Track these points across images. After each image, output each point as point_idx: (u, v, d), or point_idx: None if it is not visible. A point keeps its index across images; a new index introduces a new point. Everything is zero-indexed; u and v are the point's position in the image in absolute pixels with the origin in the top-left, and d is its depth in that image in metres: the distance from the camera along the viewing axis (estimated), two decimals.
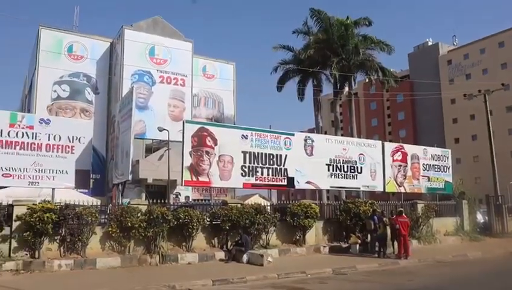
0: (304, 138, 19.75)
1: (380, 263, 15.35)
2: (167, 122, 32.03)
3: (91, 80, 35.37)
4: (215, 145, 16.82)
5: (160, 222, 14.36)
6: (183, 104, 35.34)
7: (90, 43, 36.18)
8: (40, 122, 15.56)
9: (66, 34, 35.62)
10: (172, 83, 35.33)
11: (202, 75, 39.49)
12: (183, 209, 15.41)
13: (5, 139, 14.72)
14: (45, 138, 15.35)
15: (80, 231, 13.59)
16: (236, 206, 16.34)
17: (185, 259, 14.63)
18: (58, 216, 13.19)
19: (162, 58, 35.26)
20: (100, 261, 13.45)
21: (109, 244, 14.28)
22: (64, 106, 33.89)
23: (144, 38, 34.61)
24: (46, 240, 13.29)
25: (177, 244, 15.28)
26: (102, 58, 36.22)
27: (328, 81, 36.13)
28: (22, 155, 14.92)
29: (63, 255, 13.45)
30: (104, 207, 16.41)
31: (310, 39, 35.09)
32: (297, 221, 17.20)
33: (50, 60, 33.72)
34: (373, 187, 21.43)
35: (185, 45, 36.52)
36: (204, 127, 17.29)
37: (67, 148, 15.68)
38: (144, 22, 36.03)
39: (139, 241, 14.46)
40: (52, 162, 15.33)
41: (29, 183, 15.06)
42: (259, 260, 14.39)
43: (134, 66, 33.70)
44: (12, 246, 13.02)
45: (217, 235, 16.05)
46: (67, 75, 34.33)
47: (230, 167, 17.13)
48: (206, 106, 39.48)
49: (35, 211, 12.83)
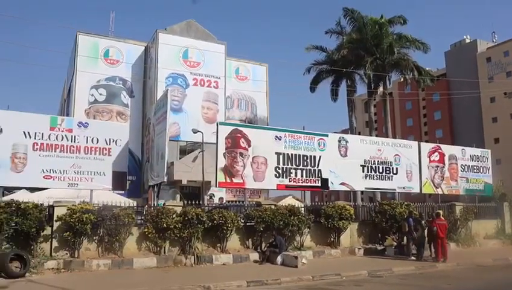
0: (338, 138, 19.55)
1: (416, 266, 15.01)
2: (201, 124, 32.32)
3: (127, 84, 36.10)
4: (248, 146, 16.88)
5: (195, 223, 14.48)
6: (216, 106, 35.59)
7: (125, 47, 36.93)
8: (78, 125, 16.02)
9: (102, 39, 36.46)
10: (206, 85, 35.62)
11: (235, 77, 39.66)
12: (217, 210, 15.51)
13: (45, 142, 15.22)
14: (83, 141, 15.79)
15: (117, 232, 13.86)
16: (270, 208, 16.32)
17: (220, 260, 14.71)
18: (97, 217, 13.50)
19: (196, 61, 35.62)
20: (137, 261, 13.68)
21: (145, 245, 14.52)
22: (101, 109, 34.72)
23: (177, 42, 35.04)
24: (85, 240, 13.63)
25: (211, 245, 15.38)
26: (137, 62, 36.91)
27: (362, 81, 35.68)
28: (62, 157, 15.40)
29: (101, 255, 13.75)
30: (140, 208, 16.68)
31: (343, 39, 34.75)
32: (332, 223, 17.03)
33: (87, 64, 34.59)
34: (409, 188, 20.99)
35: (218, 47, 36.75)
36: (238, 128, 17.38)
37: (105, 150, 16.07)
38: (177, 26, 36.50)
39: (174, 242, 14.65)
40: (90, 164, 15.75)
41: (68, 184, 15.52)
42: (294, 261, 14.32)
43: (168, 69, 34.16)
44: (53, 246, 13.40)
45: (251, 237, 16.08)
46: (103, 79, 35.15)
47: (264, 168, 17.15)
48: (240, 108, 39.62)
49: (74, 211, 13.18)
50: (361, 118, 75.65)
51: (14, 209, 12.65)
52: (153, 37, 35.68)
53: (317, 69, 35.80)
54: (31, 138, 14.98)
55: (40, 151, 15.09)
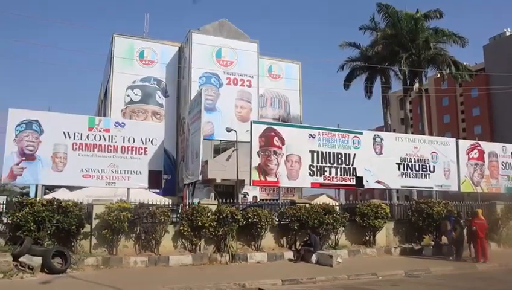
0: (373, 136, 19.27)
1: (455, 267, 14.62)
2: (234, 123, 32.51)
3: (161, 84, 36.67)
4: (282, 145, 16.88)
5: (229, 221, 14.59)
6: (249, 105, 35.69)
7: (159, 48, 37.51)
8: (115, 125, 16.38)
9: (138, 40, 37.15)
10: (239, 84, 35.78)
11: (268, 76, 39.67)
12: (252, 209, 15.55)
13: (84, 142, 15.63)
14: (120, 140, 16.12)
15: (153, 230, 14.12)
16: (304, 206, 16.26)
17: (254, 258, 14.77)
18: (134, 215, 13.79)
19: (229, 60, 35.82)
20: (173, 258, 13.88)
21: (181, 243, 14.72)
22: (136, 109, 35.41)
23: (210, 41, 35.33)
24: (123, 237, 13.94)
25: (246, 243, 15.45)
26: (172, 62, 37.42)
27: (396, 78, 35.08)
28: (100, 157, 15.77)
29: (138, 253, 14.03)
30: (175, 206, 16.97)
31: (377, 35, 34.21)
32: (367, 221, 16.81)
33: (123, 66, 35.35)
34: (447, 187, 20.47)
35: (251, 46, 36.84)
36: (271, 127, 17.40)
37: (141, 149, 16.36)
38: (210, 26, 36.79)
39: (209, 240, 14.79)
40: (127, 164, 16.06)
41: (106, 183, 15.88)
42: (329, 260, 14.22)
43: (201, 68, 34.51)
44: (92, 243, 13.76)
45: (286, 235, 16.05)
46: (139, 80, 35.82)
47: (298, 166, 17.10)
48: (273, 106, 39.60)
49: (112, 210, 13.50)
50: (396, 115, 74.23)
51: (56, 207, 13.09)
52: (187, 37, 36.10)
53: (351, 66, 35.42)
54: (70, 138, 15.42)
55: (79, 151, 15.50)
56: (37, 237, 12.54)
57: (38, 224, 12.66)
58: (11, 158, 14.65)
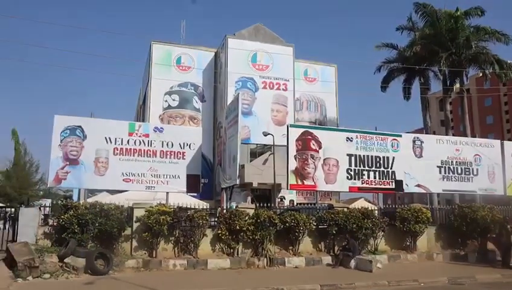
0: (412, 139, 18.85)
1: (503, 274, 14.04)
2: (271, 126, 32.55)
3: (198, 89, 37.13)
4: (319, 148, 16.77)
5: (267, 225, 14.57)
6: (285, 109, 35.66)
7: (196, 54, 38.02)
8: (154, 130, 16.70)
9: (175, 47, 37.77)
10: (275, 88, 35.80)
11: (304, 79, 39.51)
12: (289, 213, 15.49)
13: (125, 147, 16.02)
14: (159, 145, 16.42)
15: (192, 233, 14.27)
16: (342, 210, 16.06)
17: (292, 263, 14.69)
18: (173, 218, 13.97)
19: (264, 64, 35.91)
20: (211, 262, 13.97)
21: (219, 246, 14.81)
22: (174, 114, 35.98)
23: (246, 46, 35.52)
24: (162, 240, 14.16)
25: (283, 247, 15.39)
26: (208, 67, 37.86)
27: (436, 79, 34.13)
28: (140, 161, 16.11)
29: (177, 255, 14.21)
30: (213, 210, 17.09)
31: (415, 35, 33.43)
32: (407, 226, 16.43)
33: (161, 72, 36.03)
34: (491, 190, 19.72)
35: (286, 50, 36.81)
36: (308, 130, 17.31)
37: (179, 154, 16.61)
38: (245, 30, 37.02)
39: (247, 244, 14.82)
40: (166, 168, 16.34)
41: (146, 187, 16.21)
42: (368, 266, 13.98)
43: (237, 73, 34.76)
44: (133, 245, 14.05)
45: (324, 240, 15.90)
46: (176, 85, 36.41)
47: (336, 170, 16.94)
48: (309, 110, 39.40)
49: (152, 213, 13.74)
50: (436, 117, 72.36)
51: (98, 210, 13.46)
52: (223, 43, 36.45)
53: (388, 68, 34.75)
54: (111, 143, 15.84)
55: (120, 155, 15.89)
56: (81, 239, 12.93)
57: (82, 226, 13.07)
58: (57, 163, 15.19)
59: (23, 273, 11.24)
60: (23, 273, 11.24)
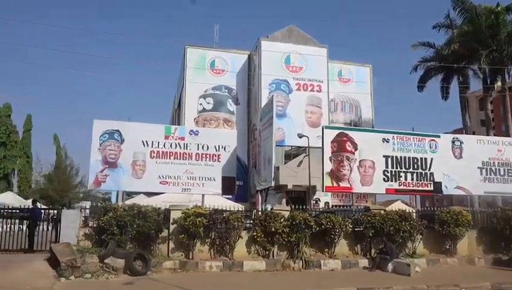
0: (452, 139, 18.37)
1: None
2: (305, 128, 32.36)
3: (232, 92, 37.36)
4: (355, 150, 16.59)
5: (302, 227, 14.51)
6: (320, 110, 35.41)
7: (229, 57, 38.26)
8: (190, 133, 16.95)
9: (208, 50, 38.14)
10: (309, 90, 35.63)
11: (338, 80, 39.15)
12: (324, 215, 15.38)
13: (161, 150, 16.33)
14: (195, 148, 16.66)
15: (227, 235, 14.36)
16: (379, 213, 15.81)
17: (328, 265, 14.55)
18: (208, 220, 14.09)
19: (298, 66, 35.81)
20: (246, 264, 14.00)
21: (254, 248, 14.83)
22: (209, 117, 36.33)
23: (279, 48, 35.52)
24: (198, 242, 14.30)
25: (319, 250, 15.27)
26: (242, 70, 38.04)
27: (475, 77, 33.19)
28: (176, 164, 16.39)
29: (213, 257, 14.32)
30: (248, 212, 17.16)
31: (453, 33, 32.59)
32: (447, 229, 16.00)
33: (195, 75, 36.45)
34: None
35: (320, 51, 36.57)
36: (343, 132, 17.17)
37: (214, 156, 16.79)
38: (279, 32, 37.02)
39: (282, 246, 14.78)
40: (202, 170, 16.55)
41: (182, 189, 16.46)
42: (406, 269, 13.69)
43: (271, 75, 34.77)
44: (170, 247, 14.27)
45: (360, 242, 15.68)
46: (210, 89, 36.75)
47: (372, 171, 16.72)
48: (343, 111, 39.02)
49: (188, 215, 13.91)
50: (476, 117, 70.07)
51: (136, 212, 13.75)
52: (256, 45, 36.57)
53: (425, 67, 34.03)
54: (148, 147, 16.17)
55: (157, 158, 16.21)
56: (120, 241, 13.24)
57: (121, 228, 13.39)
58: (96, 166, 15.64)
59: (66, 273, 11.60)
60: (66, 272, 11.60)
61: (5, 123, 45.47)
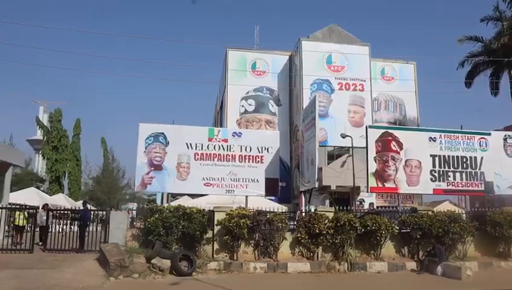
0: (503, 137, 17.63)
1: None
2: (348, 128, 31.95)
3: (273, 93, 37.40)
4: (400, 149, 16.22)
5: (347, 229, 14.29)
6: (363, 110, 34.90)
7: (270, 58, 38.33)
8: (233, 135, 17.07)
9: (249, 52, 38.37)
10: (351, 89, 35.20)
11: (381, 78, 38.46)
12: (369, 216, 15.10)
13: (205, 152, 16.54)
14: (238, 150, 16.77)
15: (271, 236, 14.33)
16: (427, 214, 15.36)
17: (374, 268, 14.26)
18: (252, 222, 14.11)
19: (340, 65, 35.45)
20: (291, 265, 13.93)
21: (298, 250, 14.75)
22: (251, 119, 36.52)
23: (320, 48, 35.30)
24: (243, 243, 14.35)
25: (364, 252, 15.00)
26: (283, 71, 38.02)
27: None
28: (219, 166, 16.54)
29: (257, 258, 14.32)
30: (292, 214, 17.11)
31: (502, 25, 31.22)
32: (500, 231, 15.34)
33: (237, 77, 36.77)
34: None
35: (362, 49, 36.07)
36: (388, 131, 16.83)
37: (257, 158, 16.84)
38: (319, 32, 36.80)
39: (326, 247, 14.63)
40: (245, 172, 16.63)
41: (226, 191, 16.60)
42: (457, 273, 13.19)
43: (313, 75, 34.58)
44: (214, 248, 14.40)
45: (407, 244, 15.28)
46: (252, 90, 36.96)
47: (418, 171, 16.28)
48: (387, 110, 38.25)
49: (232, 216, 13.99)
50: None
51: (181, 213, 13.98)
52: (297, 45, 36.46)
53: (473, 62, 32.80)
54: (192, 149, 16.41)
55: (201, 160, 16.42)
56: (166, 241, 13.49)
57: (167, 229, 13.65)
58: (142, 168, 16.02)
59: (115, 273, 11.93)
60: (115, 272, 11.93)
61: (56, 128, 47.39)
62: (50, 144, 47.05)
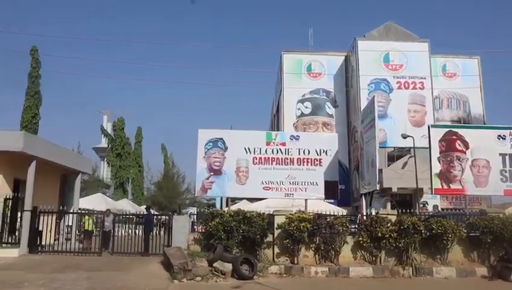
0: None
1: None
2: (408, 128, 31.05)
3: (330, 95, 37.05)
4: (466, 149, 15.54)
5: (411, 232, 13.82)
6: (423, 108, 33.77)
7: (325, 59, 38.03)
8: (290, 138, 17.06)
9: (304, 54, 38.27)
10: (411, 88, 34.19)
11: (442, 75, 37.04)
12: (435, 219, 14.53)
13: (263, 156, 16.62)
14: (296, 153, 16.72)
15: (332, 240, 14.11)
16: (497, 216, 14.53)
17: (441, 273, 13.67)
18: (312, 225, 13.98)
19: (398, 64, 34.54)
20: (353, 270, 13.66)
21: (360, 254, 14.42)
22: (307, 121, 36.36)
23: (377, 46, 34.59)
24: (303, 247, 14.22)
25: (430, 256, 14.42)
26: (339, 72, 37.59)
27: None
28: (278, 169, 16.57)
29: (318, 262, 14.14)
30: (352, 217, 16.82)
31: None
32: None
33: (292, 80, 36.78)
34: None
35: (421, 46, 34.98)
36: (452, 130, 16.19)
37: (316, 161, 16.71)
38: (375, 31, 36.08)
39: (389, 251, 14.21)
40: (304, 175, 16.54)
41: (285, 195, 16.60)
42: None
43: (370, 75, 33.94)
44: (275, 252, 14.38)
45: (476, 249, 14.52)
46: (308, 93, 36.82)
47: (487, 172, 15.51)
48: (450, 108, 36.77)
49: (292, 220, 13.90)
50: None
51: (241, 217, 14.09)
52: (352, 46, 35.94)
53: None
54: (250, 153, 16.55)
55: (259, 164, 16.53)
56: (227, 245, 13.63)
57: (228, 233, 13.80)
58: (202, 173, 16.37)
59: (179, 276, 12.20)
60: (178, 275, 12.21)
61: (120, 136, 49.47)
62: (114, 152, 49.20)
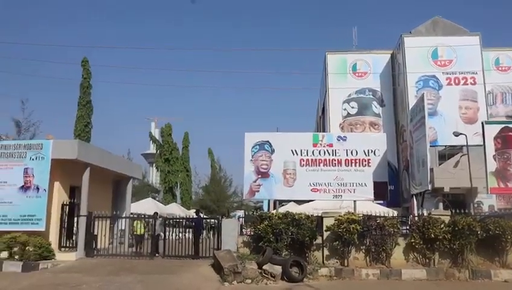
0: None
1: None
2: (459, 126, 29.95)
3: (376, 94, 36.32)
4: None
5: (466, 233, 13.34)
6: (476, 104, 32.44)
7: (371, 58, 37.31)
8: (337, 139, 16.93)
9: (349, 54, 37.71)
10: (461, 84, 32.92)
11: (495, 69, 35.39)
12: (492, 219, 13.96)
13: (310, 157, 16.60)
14: (343, 154, 16.58)
15: (383, 242, 13.89)
16: None
17: (500, 276, 13.10)
18: (362, 227, 13.81)
19: (447, 59, 33.39)
20: (405, 272, 13.34)
21: (412, 256, 14.10)
22: (354, 122, 35.80)
23: (424, 42, 33.56)
24: (353, 249, 14.07)
25: (487, 258, 13.88)
26: (385, 70, 36.80)
27: None
28: (325, 171, 16.49)
29: (369, 265, 13.95)
30: (404, 218, 16.45)
31: None
32: None
33: (337, 81, 36.31)
34: None
35: (471, 40, 33.58)
36: (508, 126, 15.58)
37: (364, 161, 16.51)
38: (422, 26, 35.05)
39: (444, 253, 13.80)
40: (352, 176, 16.37)
41: (333, 196, 16.48)
42: None
43: (417, 72, 32.95)
44: (324, 254, 14.29)
45: None
46: (354, 93, 36.22)
47: None
48: (504, 103, 35.11)
49: (341, 222, 13.78)
50: None
51: (290, 220, 14.10)
52: (398, 43, 35.09)
53: None
54: (297, 155, 16.56)
55: (306, 166, 16.51)
56: (276, 248, 13.67)
57: (276, 235, 13.82)
58: (249, 177, 16.52)
59: (229, 278, 12.34)
60: (228, 277, 12.35)
61: (167, 141, 50.59)
62: (162, 157, 50.35)
